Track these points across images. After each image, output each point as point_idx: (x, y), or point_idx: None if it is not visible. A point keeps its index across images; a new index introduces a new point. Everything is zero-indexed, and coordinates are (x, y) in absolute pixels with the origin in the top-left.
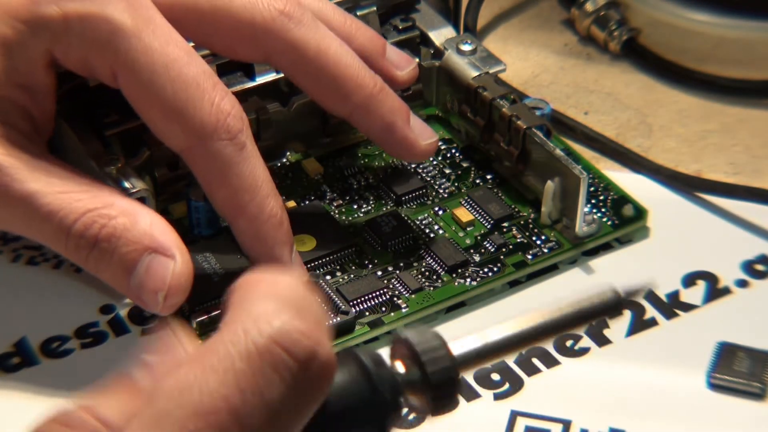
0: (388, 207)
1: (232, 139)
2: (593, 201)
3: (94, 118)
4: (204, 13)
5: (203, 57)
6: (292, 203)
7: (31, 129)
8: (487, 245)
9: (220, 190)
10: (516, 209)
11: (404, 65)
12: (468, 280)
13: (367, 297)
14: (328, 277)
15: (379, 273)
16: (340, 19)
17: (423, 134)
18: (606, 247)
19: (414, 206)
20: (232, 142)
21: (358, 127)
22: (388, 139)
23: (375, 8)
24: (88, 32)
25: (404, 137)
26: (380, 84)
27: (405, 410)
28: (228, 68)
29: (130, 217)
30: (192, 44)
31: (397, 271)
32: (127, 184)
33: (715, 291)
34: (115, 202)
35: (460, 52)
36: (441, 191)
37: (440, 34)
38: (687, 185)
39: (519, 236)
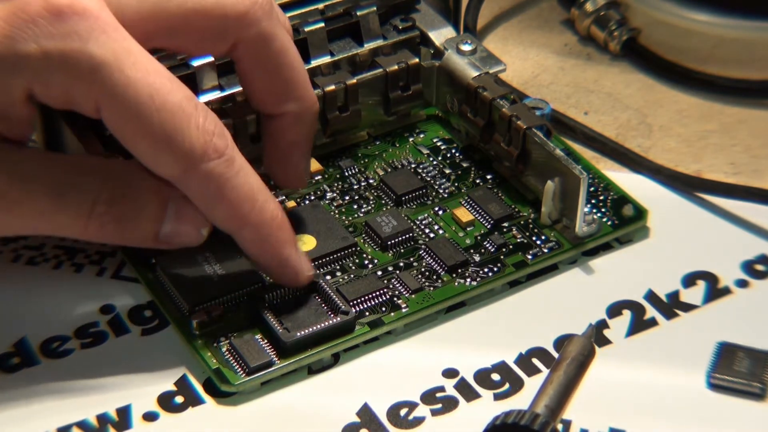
0: (388, 207)
1: (221, 156)
2: (593, 201)
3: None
4: (175, 20)
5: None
6: (292, 203)
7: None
8: (487, 245)
9: (220, 207)
10: (516, 209)
11: None
12: (468, 280)
13: (367, 297)
14: (328, 277)
15: (379, 273)
16: (283, 18)
17: (308, 172)
18: (606, 247)
19: (414, 206)
20: (222, 160)
21: (271, 129)
22: (288, 155)
23: (375, 8)
24: (69, 69)
25: (299, 163)
26: (317, 103)
27: None
28: (228, 68)
29: (137, 175)
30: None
31: (397, 271)
32: None
33: (715, 291)
34: (116, 172)
35: (460, 52)
36: (441, 191)
37: (440, 34)
38: (687, 185)
39: (519, 236)
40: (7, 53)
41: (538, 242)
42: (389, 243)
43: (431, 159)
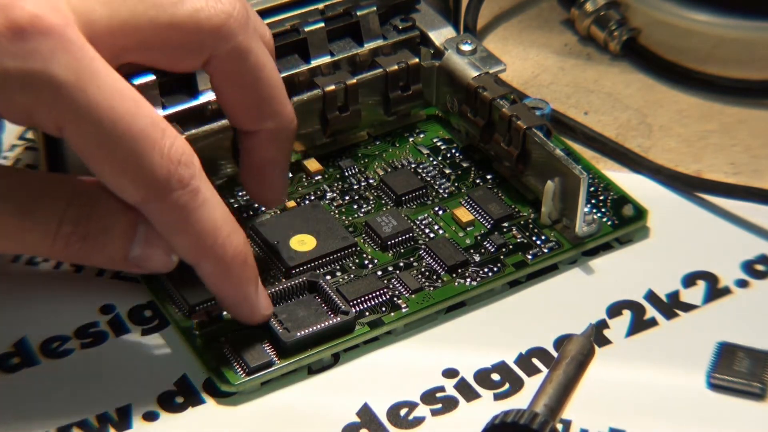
0: (388, 207)
1: (185, 187)
2: (593, 201)
3: None
4: (147, 34)
5: None
6: (292, 203)
7: None
8: (487, 245)
9: (181, 238)
10: (516, 209)
11: None
12: (468, 280)
13: (367, 297)
14: (328, 277)
15: (379, 273)
16: (263, 31)
17: (285, 189)
18: (606, 247)
19: (414, 206)
20: (185, 191)
21: (247, 145)
22: (264, 173)
23: (375, 8)
24: (29, 90)
25: (276, 181)
26: (295, 120)
27: None
28: None
29: (102, 198)
30: None
31: (397, 271)
32: None
33: (715, 291)
34: (82, 191)
35: (460, 52)
36: (441, 191)
37: (440, 34)
38: (687, 185)
39: (519, 236)
40: None
41: (538, 242)
42: (389, 243)
43: (431, 159)
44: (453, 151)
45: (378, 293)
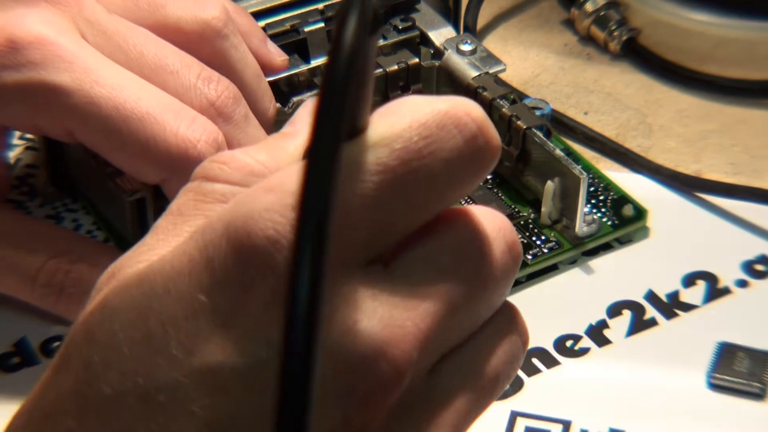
0: None
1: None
2: (593, 201)
3: None
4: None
5: None
6: None
7: None
8: None
9: None
10: (516, 209)
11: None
12: None
13: None
14: None
15: None
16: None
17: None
18: (606, 247)
19: None
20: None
21: None
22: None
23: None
24: (27, 100)
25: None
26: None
27: None
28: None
29: (91, 259)
30: None
31: None
32: (126, 185)
33: (715, 291)
34: (73, 247)
35: (460, 52)
36: None
37: (440, 34)
38: (687, 185)
39: (519, 236)
40: None
41: (538, 242)
42: None
43: None
44: None
45: None
